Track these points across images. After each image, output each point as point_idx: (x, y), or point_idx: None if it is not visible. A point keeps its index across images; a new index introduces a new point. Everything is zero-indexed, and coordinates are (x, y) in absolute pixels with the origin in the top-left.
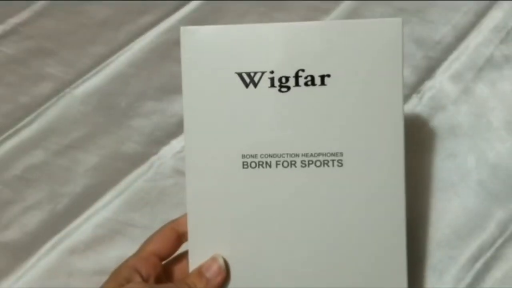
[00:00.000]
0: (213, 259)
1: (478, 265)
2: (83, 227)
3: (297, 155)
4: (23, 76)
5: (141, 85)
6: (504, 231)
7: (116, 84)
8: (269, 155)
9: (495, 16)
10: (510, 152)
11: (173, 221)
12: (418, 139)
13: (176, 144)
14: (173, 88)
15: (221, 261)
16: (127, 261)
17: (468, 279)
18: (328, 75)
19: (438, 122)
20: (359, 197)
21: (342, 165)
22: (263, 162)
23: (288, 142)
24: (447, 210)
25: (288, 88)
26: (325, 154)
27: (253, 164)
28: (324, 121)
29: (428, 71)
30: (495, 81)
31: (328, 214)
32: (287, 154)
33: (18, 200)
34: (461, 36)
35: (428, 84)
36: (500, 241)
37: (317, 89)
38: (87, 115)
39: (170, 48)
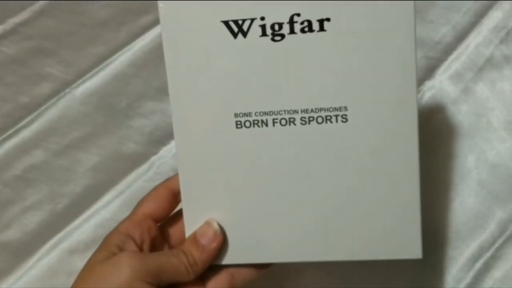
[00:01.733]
0: (208, 224)
1: (478, 265)
2: (83, 227)
3: (296, 112)
4: (23, 76)
5: (141, 85)
6: (504, 231)
7: (116, 84)
8: (265, 112)
9: (495, 16)
10: (510, 152)
11: (167, 180)
12: (418, 139)
13: None
14: None
15: (215, 226)
16: (119, 226)
17: (468, 279)
18: (328, 19)
19: (438, 122)
20: (366, 155)
21: (346, 120)
22: (258, 121)
23: (285, 98)
24: (447, 210)
25: (283, 36)
26: (327, 109)
27: (247, 124)
28: (324, 72)
29: (428, 71)
30: (495, 81)
31: (332, 175)
32: (284, 111)
33: (18, 200)
34: (461, 36)
35: (428, 84)
36: (500, 241)
37: (315, 35)
38: (87, 115)
39: None
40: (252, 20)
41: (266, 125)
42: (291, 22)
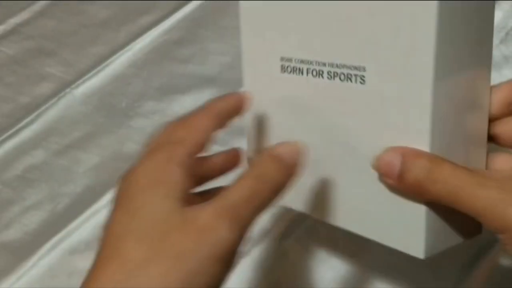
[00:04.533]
0: (289, 143)
1: (478, 265)
2: (84, 227)
3: (324, 65)
4: (23, 76)
5: (141, 85)
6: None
7: (117, 84)
8: (302, 60)
9: (495, 16)
10: None
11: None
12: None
13: None
14: (173, 88)
15: (300, 145)
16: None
17: (468, 278)
18: None
19: None
20: (380, 125)
21: (364, 82)
22: (296, 68)
23: (316, 48)
24: None
25: None
26: (349, 67)
27: (288, 69)
28: (349, 26)
29: None
30: (495, 81)
31: (349, 138)
32: (315, 61)
33: (18, 200)
34: None
35: None
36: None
37: None
38: (88, 115)
39: (170, 48)
40: None
41: (302, 73)
42: None
